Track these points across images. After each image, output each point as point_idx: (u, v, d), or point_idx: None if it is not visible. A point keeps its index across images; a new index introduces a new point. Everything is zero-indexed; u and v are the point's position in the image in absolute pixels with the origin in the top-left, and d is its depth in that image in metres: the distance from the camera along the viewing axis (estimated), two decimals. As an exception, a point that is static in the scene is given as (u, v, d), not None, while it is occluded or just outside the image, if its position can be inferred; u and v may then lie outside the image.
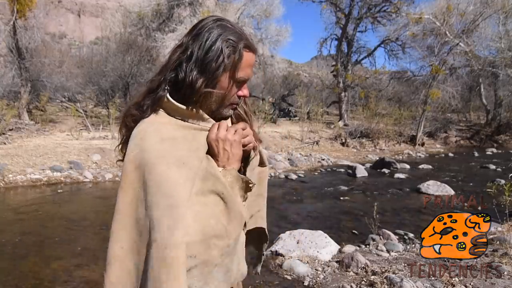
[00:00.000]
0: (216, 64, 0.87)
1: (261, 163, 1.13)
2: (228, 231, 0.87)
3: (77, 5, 78.33)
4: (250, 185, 0.93)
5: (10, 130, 10.21)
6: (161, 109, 0.92)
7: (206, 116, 0.93)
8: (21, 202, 5.95)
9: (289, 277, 3.24)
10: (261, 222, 1.17)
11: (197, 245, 0.82)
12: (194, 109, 0.91)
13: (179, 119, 0.92)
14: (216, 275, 0.88)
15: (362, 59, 19.65)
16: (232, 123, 1.03)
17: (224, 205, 0.87)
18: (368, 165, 10.72)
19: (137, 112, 0.94)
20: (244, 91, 0.95)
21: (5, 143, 9.05)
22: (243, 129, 0.97)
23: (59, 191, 6.64)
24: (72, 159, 8.09)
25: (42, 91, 13.44)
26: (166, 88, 0.91)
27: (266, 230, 1.18)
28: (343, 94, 18.55)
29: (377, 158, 11.42)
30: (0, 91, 11.79)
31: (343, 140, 14.93)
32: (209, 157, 0.91)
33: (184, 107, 0.91)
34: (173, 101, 0.90)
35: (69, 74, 15.72)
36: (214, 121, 0.95)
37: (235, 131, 0.94)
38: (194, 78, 0.87)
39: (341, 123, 17.42)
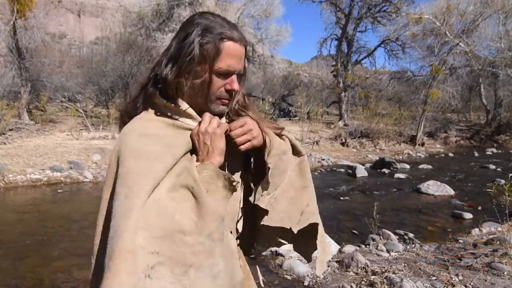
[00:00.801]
0: (188, 55, 0.87)
1: (297, 153, 1.07)
2: (199, 227, 0.81)
3: (77, 5, 78.35)
4: (234, 184, 0.87)
5: (10, 130, 10.22)
6: (152, 106, 0.93)
7: (194, 114, 0.92)
8: (21, 202, 5.95)
9: (289, 277, 3.24)
10: (313, 217, 1.08)
11: (159, 241, 0.77)
12: (180, 106, 0.91)
13: (168, 117, 0.92)
14: (199, 281, 0.80)
15: (362, 59, 19.66)
16: (231, 121, 0.99)
17: (194, 200, 0.83)
18: (368, 165, 10.72)
19: (132, 109, 0.95)
20: (233, 85, 0.91)
21: (5, 143, 9.05)
22: (242, 125, 0.93)
23: (59, 191, 6.64)
24: (72, 159, 8.09)
25: (42, 91, 13.44)
26: (154, 85, 0.91)
27: (320, 225, 1.08)
28: (343, 94, 18.56)
29: (377, 158, 11.42)
30: (0, 91, 11.80)
31: (343, 140, 14.93)
32: (193, 155, 0.90)
33: (170, 103, 0.91)
34: (160, 97, 0.91)
35: (69, 74, 15.73)
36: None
37: (218, 125, 0.90)
38: (167, 71, 0.88)
39: (341, 123, 17.43)
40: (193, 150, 0.91)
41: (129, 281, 0.70)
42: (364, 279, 2.92)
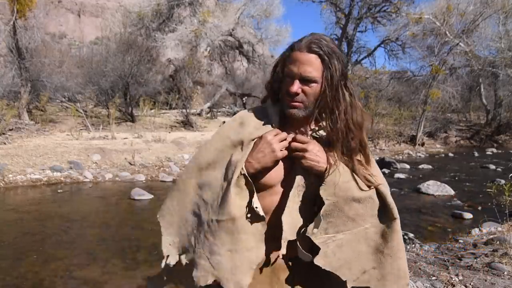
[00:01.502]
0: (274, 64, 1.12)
1: (389, 216, 1.03)
2: (216, 209, 1.02)
3: (77, 5, 78.31)
4: (256, 212, 0.99)
5: (10, 130, 10.21)
6: (264, 103, 1.16)
7: (277, 115, 1.09)
8: (21, 202, 5.94)
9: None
10: (376, 283, 1.00)
11: (197, 197, 1.10)
12: (273, 106, 1.11)
13: (266, 114, 1.12)
14: (201, 243, 1.03)
15: (362, 59, 19.67)
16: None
17: (223, 192, 1.03)
18: (368, 165, 10.70)
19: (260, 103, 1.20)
20: (289, 87, 1.01)
21: (5, 143, 9.05)
22: (305, 142, 1.02)
23: (59, 191, 6.64)
24: (72, 159, 8.09)
25: (42, 91, 13.41)
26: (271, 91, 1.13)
27: None
28: (343, 94, 18.52)
29: (377, 158, 11.41)
30: (0, 91, 11.78)
31: (343, 140, 14.91)
32: (248, 148, 1.06)
33: (272, 103, 1.12)
34: (269, 102, 1.13)
35: (69, 74, 15.68)
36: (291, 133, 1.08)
37: (281, 140, 1.02)
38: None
39: (341, 123, 17.39)
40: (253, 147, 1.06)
41: (178, 195, 1.13)
42: (364, 279, 2.91)
